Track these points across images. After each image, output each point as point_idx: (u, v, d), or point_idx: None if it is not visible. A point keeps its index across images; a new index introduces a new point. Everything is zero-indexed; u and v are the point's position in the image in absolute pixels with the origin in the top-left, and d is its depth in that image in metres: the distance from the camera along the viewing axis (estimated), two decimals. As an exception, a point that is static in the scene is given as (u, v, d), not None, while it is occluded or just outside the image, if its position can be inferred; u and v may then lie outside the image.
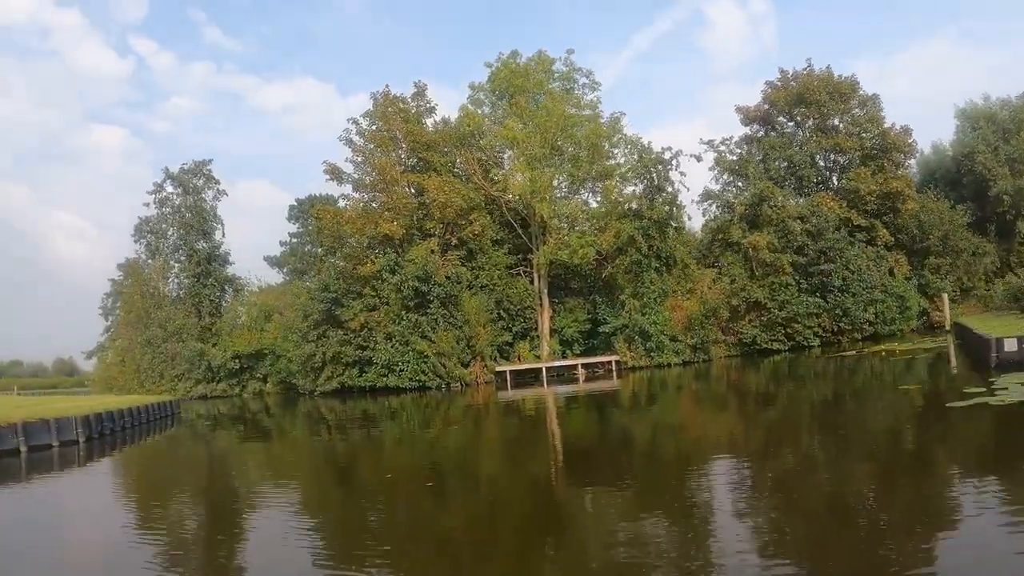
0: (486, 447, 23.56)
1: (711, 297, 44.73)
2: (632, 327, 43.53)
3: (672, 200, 45.62)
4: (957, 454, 14.63)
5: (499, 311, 46.16)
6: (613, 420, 27.70)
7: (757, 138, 53.70)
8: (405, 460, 21.62)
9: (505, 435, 26.11)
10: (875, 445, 16.20)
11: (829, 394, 28.14)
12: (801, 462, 15.26)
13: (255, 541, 12.75)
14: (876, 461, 14.37)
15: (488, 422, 30.95)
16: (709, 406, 30.04)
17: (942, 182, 57.84)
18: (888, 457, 14.91)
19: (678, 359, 44.12)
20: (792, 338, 46.19)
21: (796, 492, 12.54)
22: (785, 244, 46.91)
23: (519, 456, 20.38)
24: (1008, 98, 61.92)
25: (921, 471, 13.46)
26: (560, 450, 20.70)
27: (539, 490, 15.17)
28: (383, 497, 15.79)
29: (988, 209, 57.98)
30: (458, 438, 26.32)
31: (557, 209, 46.95)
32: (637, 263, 44.58)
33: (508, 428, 28.18)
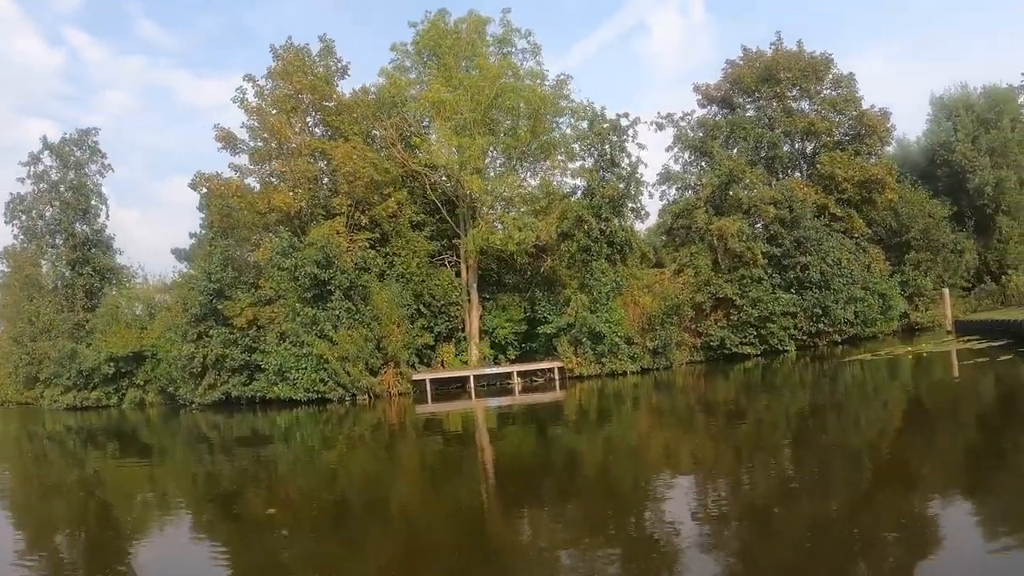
0: (400, 474, 18.50)
1: (672, 292, 36.36)
2: (579, 327, 35.00)
3: (629, 176, 37.08)
4: None
5: (418, 306, 37.18)
6: (556, 440, 21.58)
7: (716, 122, 45.39)
8: (298, 492, 16.85)
9: (424, 459, 20.41)
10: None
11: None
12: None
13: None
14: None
15: (403, 443, 24.15)
16: (675, 424, 22.74)
17: (914, 175, 50.78)
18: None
19: (634, 366, 35.67)
20: (765, 340, 38.22)
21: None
22: (757, 232, 39.01)
23: (441, 485, 16.40)
24: (989, 85, 55.49)
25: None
26: (491, 477, 16.68)
27: (465, 525, 12.45)
28: (263, 539, 12.18)
29: (965, 203, 51.32)
30: (365, 463, 20.46)
31: (491, 187, 38.06)
32: (585, 250, 36.10)
33: (428, 450, 21.88)
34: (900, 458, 14.26)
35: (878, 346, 37.65)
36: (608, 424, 24.16)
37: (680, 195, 41.62)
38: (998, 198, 51.90)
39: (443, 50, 39.20)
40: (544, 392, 33.93)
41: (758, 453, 16.03)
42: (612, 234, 36.19)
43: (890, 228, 46.97)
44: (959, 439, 15.51)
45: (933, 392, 23.41)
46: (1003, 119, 53.82)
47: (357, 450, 23.10)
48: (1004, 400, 20.27)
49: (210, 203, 40.27)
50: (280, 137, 38.18)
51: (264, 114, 39.14)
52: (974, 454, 14.04)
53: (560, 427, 24.23)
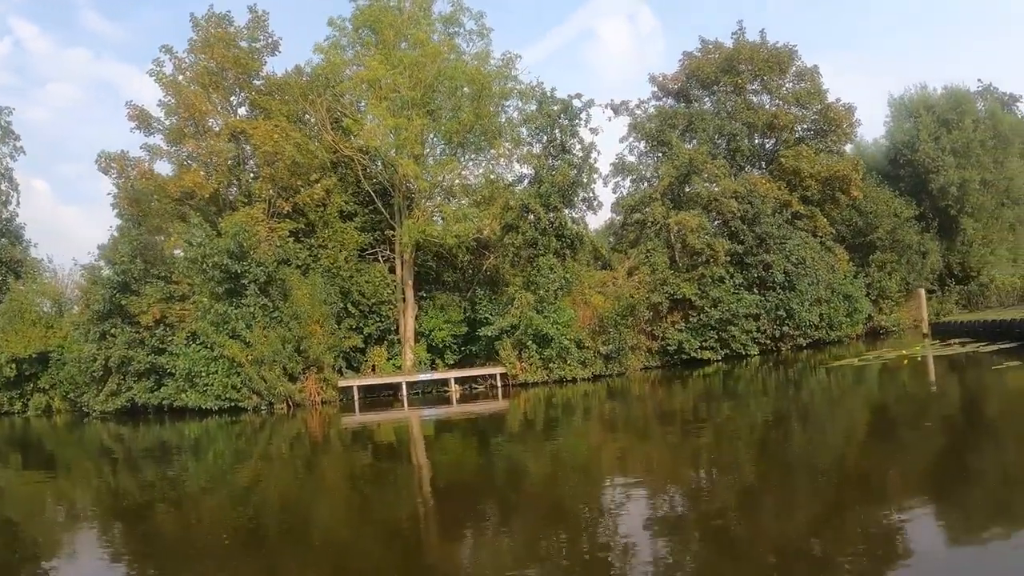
0: (323, 493, 15.71)
1: (627, 291, 32.73)
2: (524, 329, 31.18)
3: (581, 162, 33.34)
4: None
5: (346, 305, 33.00)
6: (500, 454, 18.67)
7: (674, 111, 41.80)
8: (208, 515, 14.19)
9: (351, 476, 17.47)
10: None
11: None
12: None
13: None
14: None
15: (326, 458, 20.83)
16: (629, 436, 19.79)
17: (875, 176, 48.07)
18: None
19: (585, 372, 31.95)
20: (727, 344, 34.80)
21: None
22: (718, 229, 35.66)
23: (370, 505, 14.08)
24: (950, 85, 53.19)
25: None
26: (428, 496, 14.45)
27: (398, 551, 10.51)
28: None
29: (928, 204, 48.73)
30: (283, 481, 17.13)
31: (429, 174, 34.00)
32: (531, 244, 32.34)
33: (355, 466, 18.88)
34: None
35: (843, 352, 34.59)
36: (556, 436, 20.51)
37: (635, 187, 38.00)
38: (962, 199, 49.49)
39: (383, 26, 34.98)
40: (485, 401, 30.15)
41: (724, 473, 13.56)
42: (561, 226, 32.45)
43: (855, 227, 44.15)
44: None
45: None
46: (965, 119, 51.57)
47: (274, 466, 19.52)
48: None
49: (121, 188, 35.65)
50: (195, 114, 33.75)
51: (181, 90, 34.63)
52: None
53: (503, 439, 20.85)
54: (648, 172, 37.43)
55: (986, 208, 51.09)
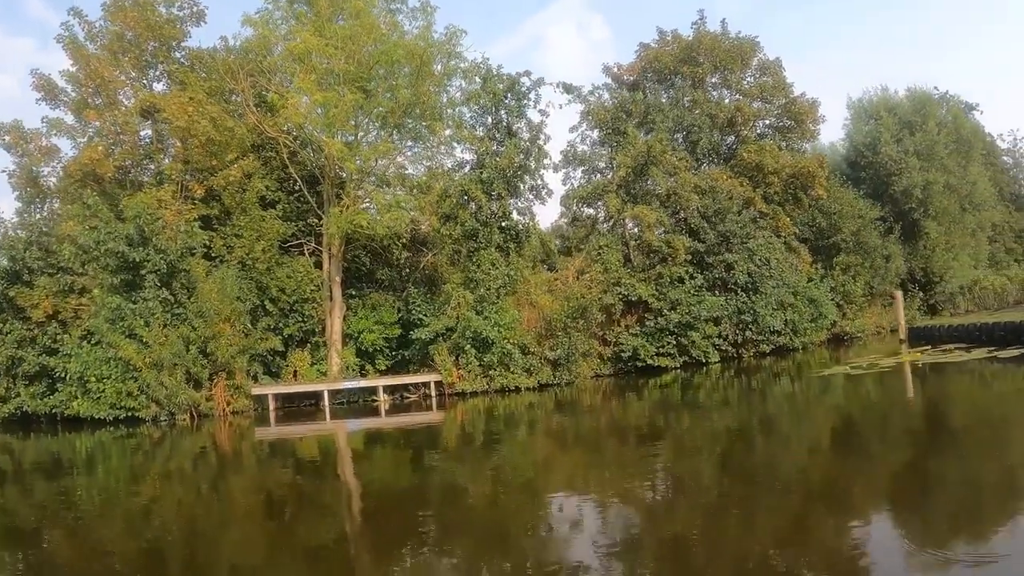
0: (233, 518, 12.90)
1: (577, 292, 29.30)
2: (461, 331, 27.58)
3: (528, 145, 29.79)
4: None
5: (263, 302, 29.04)
6: (433, 473, 15.69)
7: (631, 97, 38.28)
8: (100, 544, 11.20)
9: (266, 498, 14.43)
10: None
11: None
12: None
13: None
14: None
15: (236, 478, 17.13)
16: (579, 453, 16.86)
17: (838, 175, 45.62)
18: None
19: (530, 380, 28.40)
20: (686, 351, 31.56)
21: None
22: (677, 225, 32.49)
23: (284, 532, 11.22)
24: (913, 87, 51.28)
25: None
26: (352, 520, 11.79)
27: None
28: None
29: (889, 208, 46.49)
30: (187, 505, 14.16)
31: (362, 158, 30.12)
32: (471, 235, 28.74)
33: (269, 487, 15.51)
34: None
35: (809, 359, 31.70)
36: (498, 452, 17.56)
37: (587, 179, 34.50)
38: (926, 202, 47.33)
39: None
40: (417, 412, 26.56)
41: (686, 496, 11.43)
42: (505, 216, 28.91)
43: (817, 229, 41.45)
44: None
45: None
46: (929, 122, 49.56)
47: (176, 486, 16.23)
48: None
49: (18, 166, 31.29)
50: (102, 84, 29.53)
51: (88, 58, 30.33)
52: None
53: (439, 455, 17.79)
54: (602, 163, 33.98)
55: (950, 212, 49.08)
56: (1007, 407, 17.22)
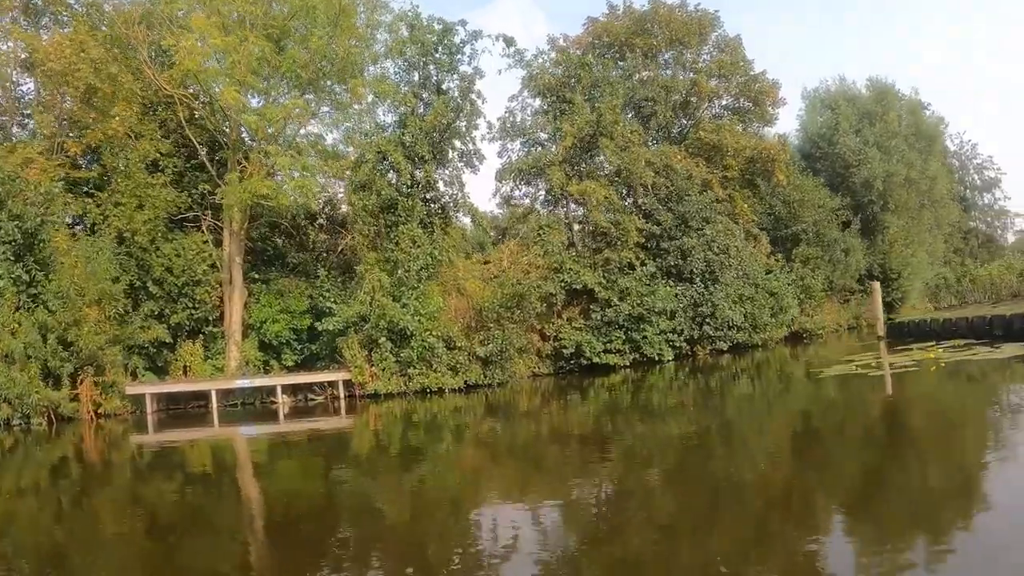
0: (104, 544, 9.39)
1: (513, 278, 24.71)
2: (375, 321, 22.80)
3: (459, 104, 25.01)
4: None
5: (146, 283, 23.88)
6: (340, 491, 11.89)
7: (579, 59, 33.35)
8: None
9: (146, 519, 10.63)
10: None
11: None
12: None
13: None
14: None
15: (104, 494, 13.07)
16: (513, 468, 13.18)
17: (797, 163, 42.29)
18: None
19: (457, 380, 23.66)
20: (638, 347, 27.26)
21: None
22: (629, 204, 28.28)
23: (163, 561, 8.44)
24: (873, 77, 48.31)
25: None
26: (249, 545, 9.17)
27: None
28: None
29: (848, 200, 43.55)
30: (45, 527, 10.29)
31: (268, 121, 25.05)
32: (390, 207, 23.95)
33: (147, 505, 11.60)
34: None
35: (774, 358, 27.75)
36: (417, 465, 13.73)
37: (528, 151, 29.76)
38: (886, 195, 44.27)
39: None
40: (323, 416, 21.81)
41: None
42: (430, 186, 24.22)
43: (776, 217, 37.83)
44: None
45: None
46: (889, 113, 46.57)
47: (31, 504, 12.23)
48: None
49: None
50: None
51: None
52: None
53: (346, 470, 13.76)
54: (544, 134, 29.36)
55: (909, 207, 46.17)
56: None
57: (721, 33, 37.99)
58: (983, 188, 72.40)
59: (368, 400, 23.38)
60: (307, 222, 27.68)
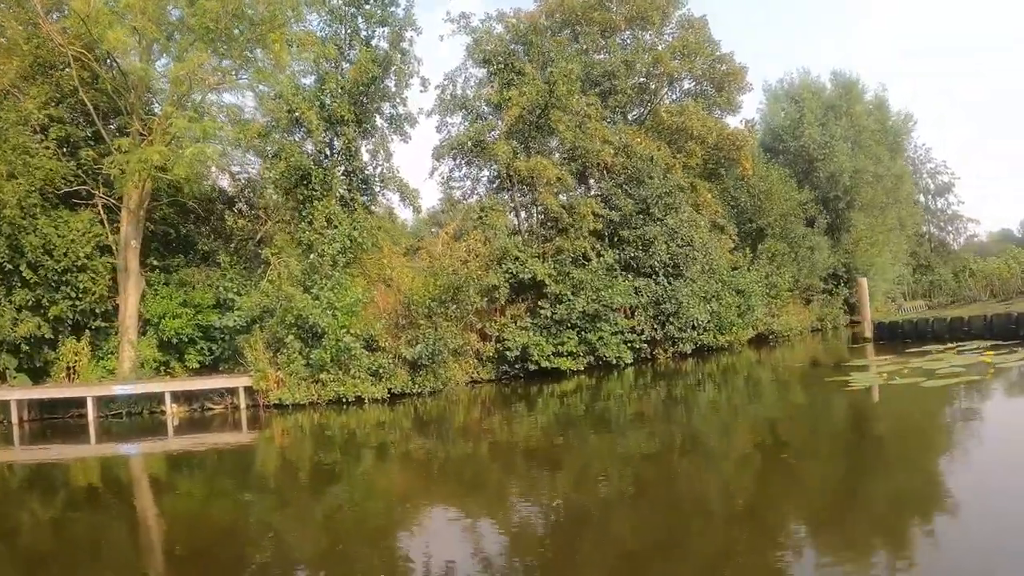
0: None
1: (449, 267, 20.82)
2: (282, 316, 18.80)
3: (387, 59, 20.91)
4: None
5: (18, 268, 19.54)
6: (249, 523, 9.60)
7: (528, 28, 29.34)
8: None
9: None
10: None
11: None
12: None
13: None
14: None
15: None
16: (445, 496, 10.57)
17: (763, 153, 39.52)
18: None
19: (379, 388, 19.70)
20: (593, 349, 23.61)
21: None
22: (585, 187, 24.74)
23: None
24: (839, 71, 45.80)
25: None
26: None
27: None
28: None
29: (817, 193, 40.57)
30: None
31: (168, 79, 20.71)
32: (302, 178, 19.91)
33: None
34: None
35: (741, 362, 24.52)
36: (332, 491, 11.18)
37: (470, 123, 25.77)
38: (853, 191, 41.69)
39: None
40: (220, 431, 18.08)
41: None
42: (352, 155, 20.26)
43: (740, 210, 34.77)
44: None
45: None
46: (856, 107, 44.13)
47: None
48: None
49: None
50: None
51: None
52: None
53: (252, 496, 11.30)
54: (488, 108, 25.44)
55: (876, 205, 43.75)
56: None
57: (685, 12, 34.84)
58: (936, 192, 71.32)
59: (274, 411, 19.38)
60: (224, 206, 23.54)
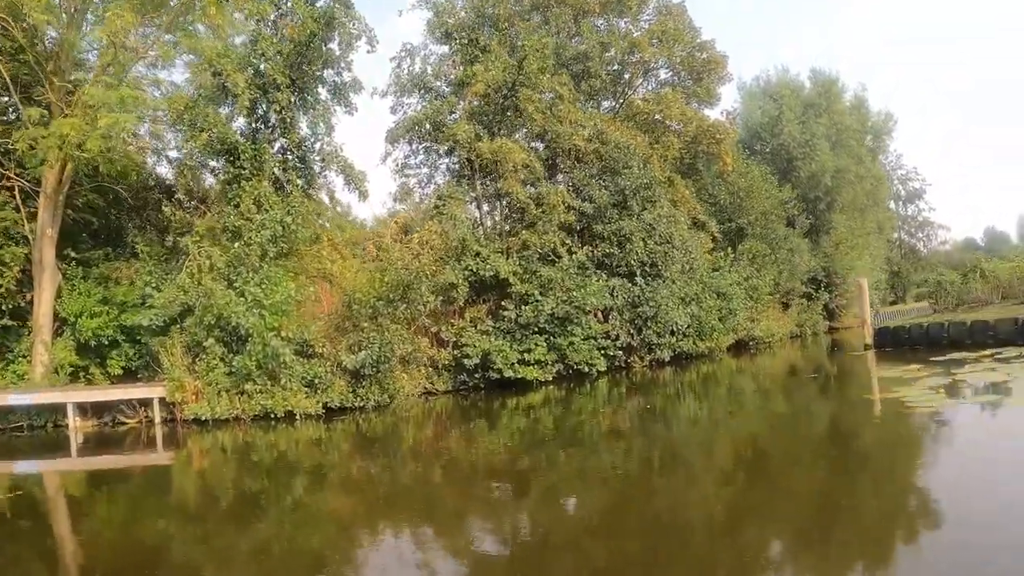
0: None
1: (399, 261, 18.07)
2: (201, 316, 15.96)
3: (330, 14, 17.89)
4: None
5: None
6: (168, 558, 7.83)
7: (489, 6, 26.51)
8: None
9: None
10: None
11: None
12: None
13: None
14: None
15: None
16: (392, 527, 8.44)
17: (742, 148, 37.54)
18: None
19: (314, 402, 16.86)
20: (563, 356, 20.98)
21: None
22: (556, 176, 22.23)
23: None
24: (818, 68, 44.00)
25: None
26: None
27: None
28: None
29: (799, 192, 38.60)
30: None
31: (91, 39, 17.84)
32: (228, 153, 17.06)
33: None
34: None
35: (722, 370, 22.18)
36: (258, 527, 9.15)
37: (428, 102, 22.92)
38: (835, 192, 39.86)
39: None
40: (131, 450, 15.41)
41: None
42: (287, 128, 17.46)
43: (719, 208, 32.55)
44: None
45: None
46: (836, 105, 42.43)
47: None
48: None
49: None
50: None
51: None
52: None
53: (164, 529, 9.18)
54: (449, 88, 22.61)
55: (857, 206, 42.03)
56: None
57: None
58: (907, 199, 70.52)
59: (194, 426, 16.51)
60: (162, 195, 20.59)
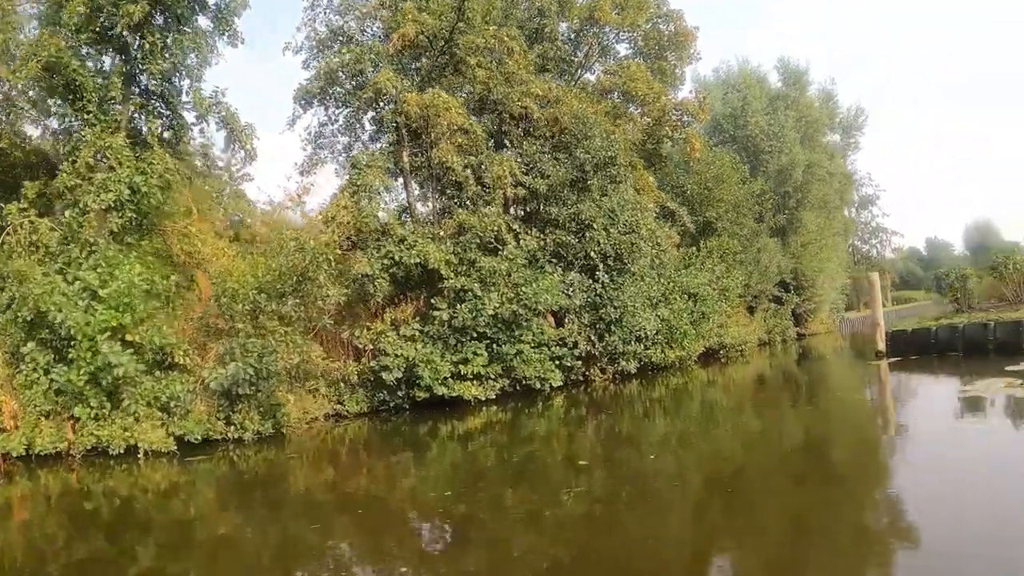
0: None
1: (293, 242, 13.80)
2: (16, 311, 11.51)
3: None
4: None
5: None
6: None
7: None
8: None
9: None
10: None
11: None
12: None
13: None
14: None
15: None
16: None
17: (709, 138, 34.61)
18: None
19: (166, 437, 12.35)
20: (510, 369, 16.89)
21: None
22: (500, 143, 18.29)
23: None
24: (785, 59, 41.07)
25: None
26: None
27: None
28: None
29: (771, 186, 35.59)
30: None
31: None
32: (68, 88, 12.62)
33: None
34: None
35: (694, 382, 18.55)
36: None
37: (348, 51, 18.55)
38: (805, 188, 36.91)
39: None
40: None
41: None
42: (151, 58, 13.09)
43: (684, 198, 29.06)
44: None
45: None
46: (804, 96, 39.64)
47: None
48: None
49: None
50: None
51: None
52: None
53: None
54: (371, 34, 18.45)
55: (828, 204, 39.21)
56: None
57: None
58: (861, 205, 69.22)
59: (17, 464, 12.00)
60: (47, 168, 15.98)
